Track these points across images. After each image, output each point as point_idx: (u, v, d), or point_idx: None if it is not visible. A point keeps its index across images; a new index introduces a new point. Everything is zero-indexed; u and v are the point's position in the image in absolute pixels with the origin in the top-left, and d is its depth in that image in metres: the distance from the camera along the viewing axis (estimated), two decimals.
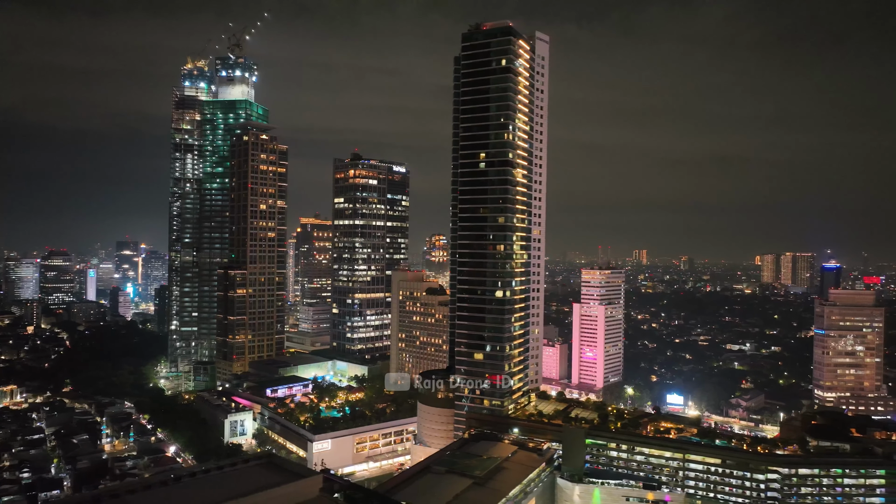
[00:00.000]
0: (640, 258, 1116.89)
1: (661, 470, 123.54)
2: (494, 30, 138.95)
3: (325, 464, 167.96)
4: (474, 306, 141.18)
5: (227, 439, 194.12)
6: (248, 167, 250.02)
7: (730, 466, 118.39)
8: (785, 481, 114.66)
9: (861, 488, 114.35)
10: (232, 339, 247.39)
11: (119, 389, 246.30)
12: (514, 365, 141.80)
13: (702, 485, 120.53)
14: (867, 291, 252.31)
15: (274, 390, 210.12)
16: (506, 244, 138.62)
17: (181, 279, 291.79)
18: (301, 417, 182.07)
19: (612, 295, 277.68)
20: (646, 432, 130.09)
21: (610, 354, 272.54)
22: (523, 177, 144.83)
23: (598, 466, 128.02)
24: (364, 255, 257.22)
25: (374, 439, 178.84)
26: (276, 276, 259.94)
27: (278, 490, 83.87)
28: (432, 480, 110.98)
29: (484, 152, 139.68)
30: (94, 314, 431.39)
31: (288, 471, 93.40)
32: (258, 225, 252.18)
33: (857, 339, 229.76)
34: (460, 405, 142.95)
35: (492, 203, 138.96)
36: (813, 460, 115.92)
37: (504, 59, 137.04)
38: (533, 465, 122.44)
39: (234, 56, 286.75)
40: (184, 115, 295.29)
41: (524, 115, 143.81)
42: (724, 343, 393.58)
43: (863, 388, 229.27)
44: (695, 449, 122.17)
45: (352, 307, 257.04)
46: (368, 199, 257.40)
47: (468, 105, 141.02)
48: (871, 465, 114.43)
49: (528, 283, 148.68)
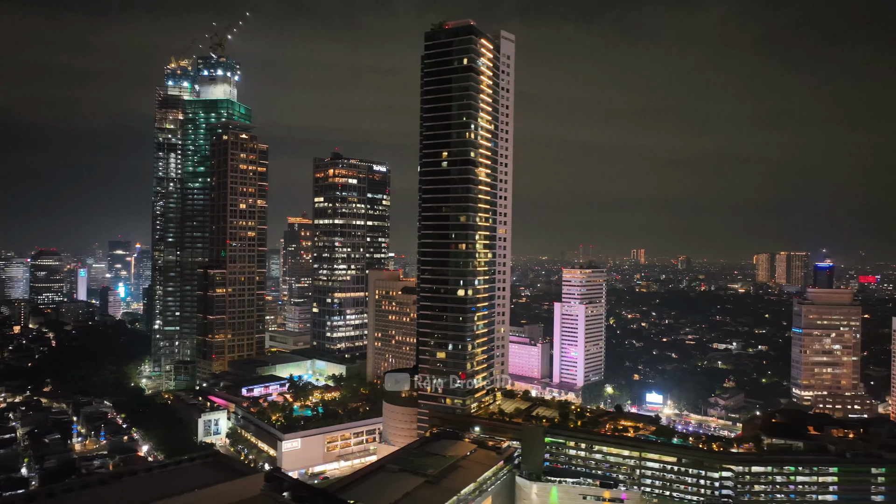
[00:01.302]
0: (638, 257, 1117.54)
1: (618, 468, 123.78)
2: (456, 29, 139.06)
3: (296, 462, 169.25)
4: (436, 305, 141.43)
5: (201, 438, 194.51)
6: (228, 166, 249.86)
7: (685, 465, 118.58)
8: (738, 479, 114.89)
9: (814, 486, 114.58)
10: (211, 338, 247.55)
11: (99, 389, 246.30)
12: (477, 364, 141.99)
13: (658, 483, 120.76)
14: (844, 290, 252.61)
15: (250, 389, 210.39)
16: (468, 243, 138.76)
17: (164, 279, 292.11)
18: (273, 417, 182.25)
19: (594, 294, 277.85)
20: (604, 431, 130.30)
21: (591, 353, 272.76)
22: (487, 176, 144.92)
23: (558, 465, 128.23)
24: (344, 254, 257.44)
25: (346, 438, 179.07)
26: (256, 276, 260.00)
27: (217, 488, 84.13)
28: (385, 479, 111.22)
29: (446, 151, 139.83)
30: (82, 314, 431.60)
31: (231, 469, 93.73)
32: (238, 224, 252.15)
33: (835, 338, 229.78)
34: (423, 404, 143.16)
35: (454, 202, 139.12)
36: (766, 458, 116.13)
37: (465, 58, 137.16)
38: (490, 463, 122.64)
39: (216, 55, 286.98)
40: (167, 114, 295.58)
41: (487, 113, 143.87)
42: (712, 342, 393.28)
43: (840, 386, 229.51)
44: (651, 447, 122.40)
45: (332, 306, 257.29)
46: (348, 198, 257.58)
47: (430, 104, 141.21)
48: (824, 462, 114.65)
49: (492, 281, 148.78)
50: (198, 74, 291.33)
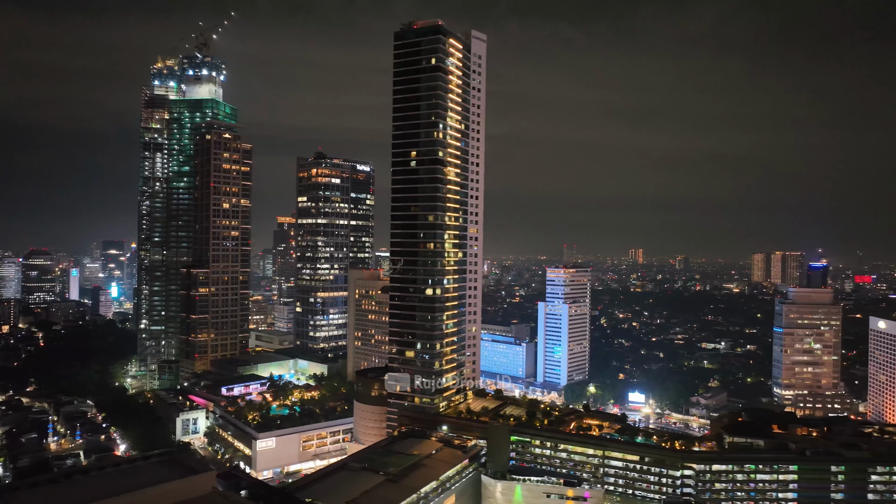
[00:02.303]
0: (636, 257, 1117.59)
1: (582, 467, 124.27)
2: (424, 28, 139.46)
3: (271, 462, 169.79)
4: (406, 304, 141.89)
5: (179, 437, 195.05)
6: (211, 166, 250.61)
7: (648, 463, 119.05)
8: (699, 477, 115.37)
9: (775, 483, 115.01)
10: (194, 337, 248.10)
11: (83, 388, 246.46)
12: (447, 363, 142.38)
13: (621, 481, 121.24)
14: (825, 290, 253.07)
15: (230, 389, 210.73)
16: (436, 242, 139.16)
17: (151, 278, 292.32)
18: (249, 416, 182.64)
19: (578, 293, 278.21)
20: (569, 430, 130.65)
21: (575, 353, 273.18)
22: (457, 175, 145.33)
23: (524, 463, 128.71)
24: (327, 254, 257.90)
25: (322, 437, 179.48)
26: (240, 275, 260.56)
27: (167, 486, 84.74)
28: (345, 477, 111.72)
29: (415, 151, 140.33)
30: (72, 313, 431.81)
31: (186, 467, 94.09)
32: (221, 224, 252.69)
33: (815, 337, 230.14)
34: (393, 403, 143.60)
35: (423, 201, 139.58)
36: (727, 456, 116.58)
37: (434, 58, 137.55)
38: (455, 462, 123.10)
39: (200, 55, 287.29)
40: (153, 114, 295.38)
41: (457, 113, 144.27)
42: (702, 342, 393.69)
43: (820, 385, 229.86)
44: (614, 446, 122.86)
45: (315, 306, 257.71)
46: (331, 198, 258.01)
47: (400, 104, 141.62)
48: (785, 460, 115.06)
49: (463, 280, 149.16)
50: (183, 74, 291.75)
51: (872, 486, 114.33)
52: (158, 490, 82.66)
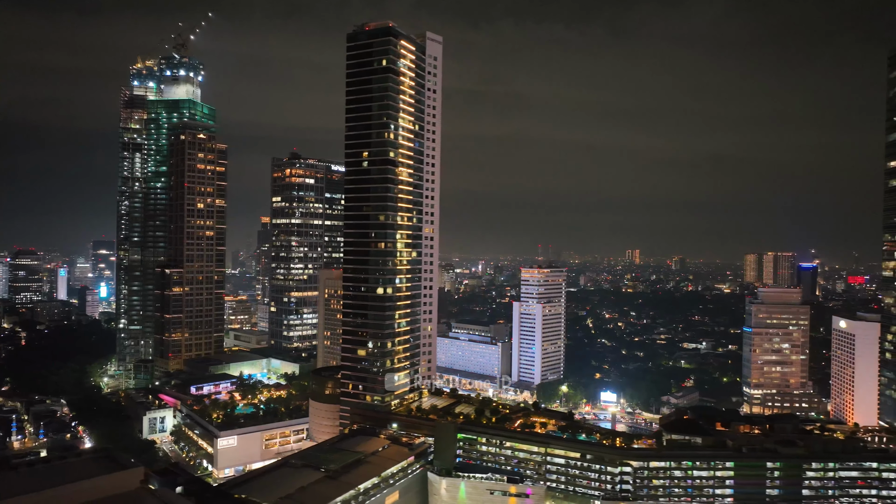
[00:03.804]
0: (633, 258, 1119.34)
1: (526, 464, 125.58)
2: (376, 30, 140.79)
3: (232, 459, 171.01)
4: (357, 303, 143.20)
5: (146, 436, 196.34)
6: (185, 166, 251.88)
7: (588, 460, 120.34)
8: (637, 473, 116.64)
9: (712, 479, 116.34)
10: (168, 337, 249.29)
11: (58, 388, 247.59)
12: (399, 361, 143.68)
13: (563, 478, 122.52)
14: (794, 290, 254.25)
15: (199, 388, 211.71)
16: (387, 241, 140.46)
17: (130, 278, 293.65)
18: (213, 414, 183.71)
19: (552, 293, 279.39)
20: (515, 427, 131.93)
21: (549, 352, 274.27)
22: (409, 175, 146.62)
23: (470, 461, 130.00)
24: (300, 253, 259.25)
25: (285, 435, 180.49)
26: (215, 275, 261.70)
27: (91, 482, 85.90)
28: (285, 474, 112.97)
29: (367, 151, 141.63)
30: (58, 313, 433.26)
31: (118, 463, 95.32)
32: (195, 223, 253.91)
33: (784, 337, 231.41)
34: (345, 401, 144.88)
35: (374, 201, 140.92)
36: (664, 453, 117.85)
37: (385, 60, 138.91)
38: (400, 459, 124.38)
39: (178, 56, 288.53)
40: (132, 114, 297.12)
41: (409, 114, 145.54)
42: (684, 342, 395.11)
43: (788, 385, 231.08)
44: (556, 443, 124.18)
45: (288, 305, 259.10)
46: (305, 198, 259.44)
47: (352, 104, 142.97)
48: (722, 457, 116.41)
49: (417, 280, 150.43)
50: (162, 74, 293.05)
51: (807, 483, 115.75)
52: (80, 486, 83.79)
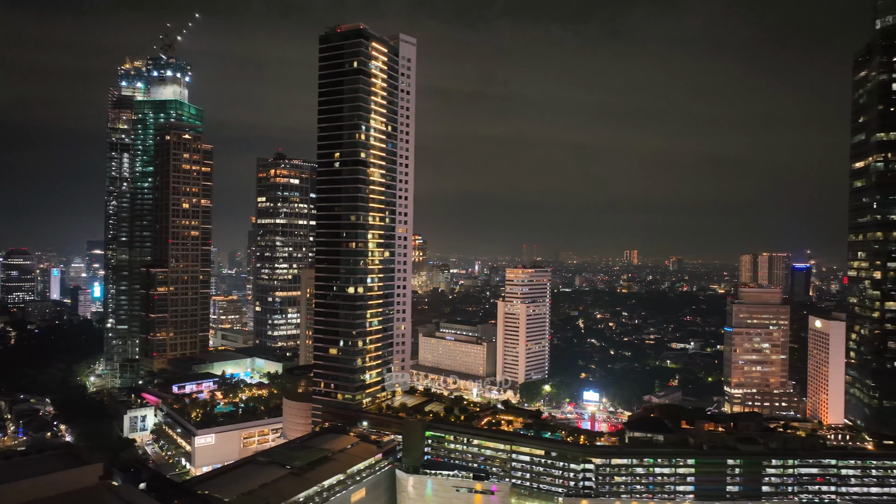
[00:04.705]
0: (631, 258, 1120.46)
1: (492, 461, 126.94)
2: (347, 32, 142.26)
3: (210, 458, 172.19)
4: (329, 302, 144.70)
5: (127, 434, 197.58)
6: (170, 166, 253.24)
7: (552, 457, 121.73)
8: (600, 471, 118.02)
9: (673, 476, 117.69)
10: (153, 336, 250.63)
11: (44, 387, 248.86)
12: (370, 360, 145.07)
13: (527, 475, 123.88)
14: (774, 289, 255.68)
15: (181, 387, 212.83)
16: (358, 241, 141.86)
17: (117, 278, 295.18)
18: (193, 413, 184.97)
19: (536, 293, 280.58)
20: (482, 425, 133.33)
21: (533, 352, 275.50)
22: (382, 176, 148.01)
23: (438, 458, 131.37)
24: (285, 253, 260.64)
25: (264, 434, 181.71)
26: (200, 275, 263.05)
27: (47, 477, 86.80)
28: (250, 471, 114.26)
29: (338, 152, 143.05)
30: (49, 313, 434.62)
31: (79, 459, 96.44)
32: (181, 223, 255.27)
33: (764, 337, 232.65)
34: (317, 399, 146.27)
35: (345, 201, 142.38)
36: (626, 451, 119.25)
37: (356, 61, 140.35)
38: (367, 456, 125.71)
39: (165, 56, 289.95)
40: (120, 114, 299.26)
41: (381, 115, 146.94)
42: (673, 342, 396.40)
43: (769, 384, 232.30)
44: (521, 441, 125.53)
45: (273, 305, 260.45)
46: (290, 198, 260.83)
47: (324, 106, 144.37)
48: (682, 455, 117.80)
49: (390, 279, 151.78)
50: (150, 75, 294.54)
51: (767, 479, 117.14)
52: (34, 482, 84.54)
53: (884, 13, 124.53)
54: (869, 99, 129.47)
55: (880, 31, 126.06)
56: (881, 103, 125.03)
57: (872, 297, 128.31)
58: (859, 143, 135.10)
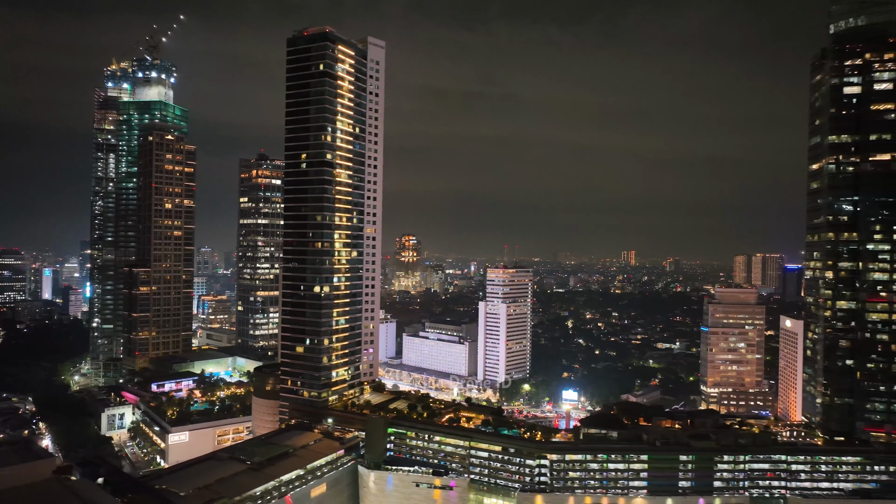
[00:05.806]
0: (629, 259, 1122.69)
1: (452, 457, 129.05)
2: (314, 35, 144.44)
3: (183, 455, 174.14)
4: (296, 301, 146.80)
5: (104, 432, 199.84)
6: (153, 167, 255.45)
7: (509, 453, 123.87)
8: (555, 466, 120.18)
9: (627, 472, 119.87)
10: (136, 335, 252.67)
11: (27, 385, 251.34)
12: (337, 358, 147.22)
13: (485, 471, 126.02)
14: (750, 290, 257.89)
15: (160, 385, 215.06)
16: (324, 241, 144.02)
17: (103, 277, 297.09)
18: (168, 411, 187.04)
19: (518, 293, 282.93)
20: (443, 422, 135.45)
21: (514, 351, 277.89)
22: (349, 177, 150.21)
23: (400, 454, 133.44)
24: (267, 253, 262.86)
25: (238, 431, 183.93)
26: (183, 274, 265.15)
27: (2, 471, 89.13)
28: (209, 466, 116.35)
29: (305, 153, 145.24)
30: (39, 313, 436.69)
31: (33, 454, 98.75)
32: (163, 223, 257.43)
33: (739, 337, 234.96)
34: (284, 397, 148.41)
35: (312, 202, 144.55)
36: (581, 446, 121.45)
37: (322, 64, 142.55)
38: (328, 452, 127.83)
39: (150, 57, 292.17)
40: (106, 115, 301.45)
41: (348, 117, 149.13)
42: (659, 342, 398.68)
43: (744, 384, 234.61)
44: (480, 437, 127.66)
45: (255, 305, 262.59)
46: (272, 198, 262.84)
47: (292, 108, 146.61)
48: (636, 450, 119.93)
49: (357, 279, 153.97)
50: (135, 76, 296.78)
51: (718, 475, 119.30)
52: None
53: (836, 18, 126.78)
54: (823, 102, 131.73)
55: (833, 36, 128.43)
56: (833, 106, 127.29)
57: (825, 296, 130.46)
58: (815, 146, 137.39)
